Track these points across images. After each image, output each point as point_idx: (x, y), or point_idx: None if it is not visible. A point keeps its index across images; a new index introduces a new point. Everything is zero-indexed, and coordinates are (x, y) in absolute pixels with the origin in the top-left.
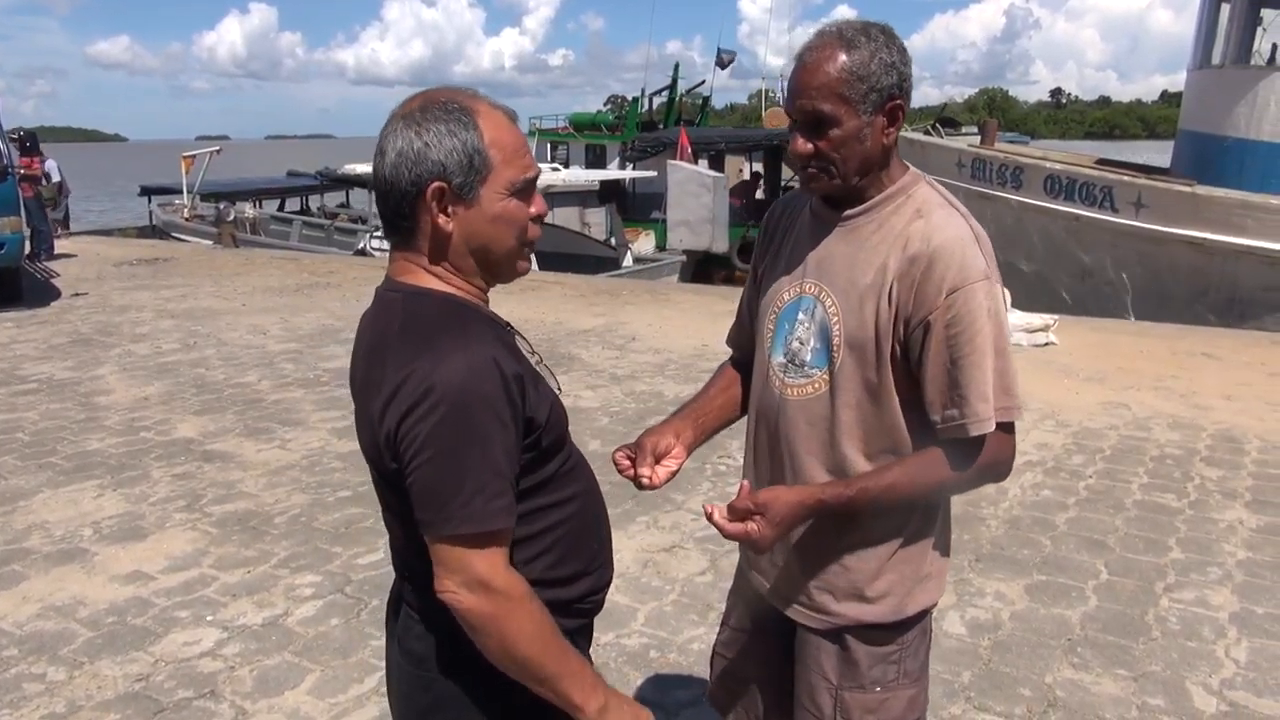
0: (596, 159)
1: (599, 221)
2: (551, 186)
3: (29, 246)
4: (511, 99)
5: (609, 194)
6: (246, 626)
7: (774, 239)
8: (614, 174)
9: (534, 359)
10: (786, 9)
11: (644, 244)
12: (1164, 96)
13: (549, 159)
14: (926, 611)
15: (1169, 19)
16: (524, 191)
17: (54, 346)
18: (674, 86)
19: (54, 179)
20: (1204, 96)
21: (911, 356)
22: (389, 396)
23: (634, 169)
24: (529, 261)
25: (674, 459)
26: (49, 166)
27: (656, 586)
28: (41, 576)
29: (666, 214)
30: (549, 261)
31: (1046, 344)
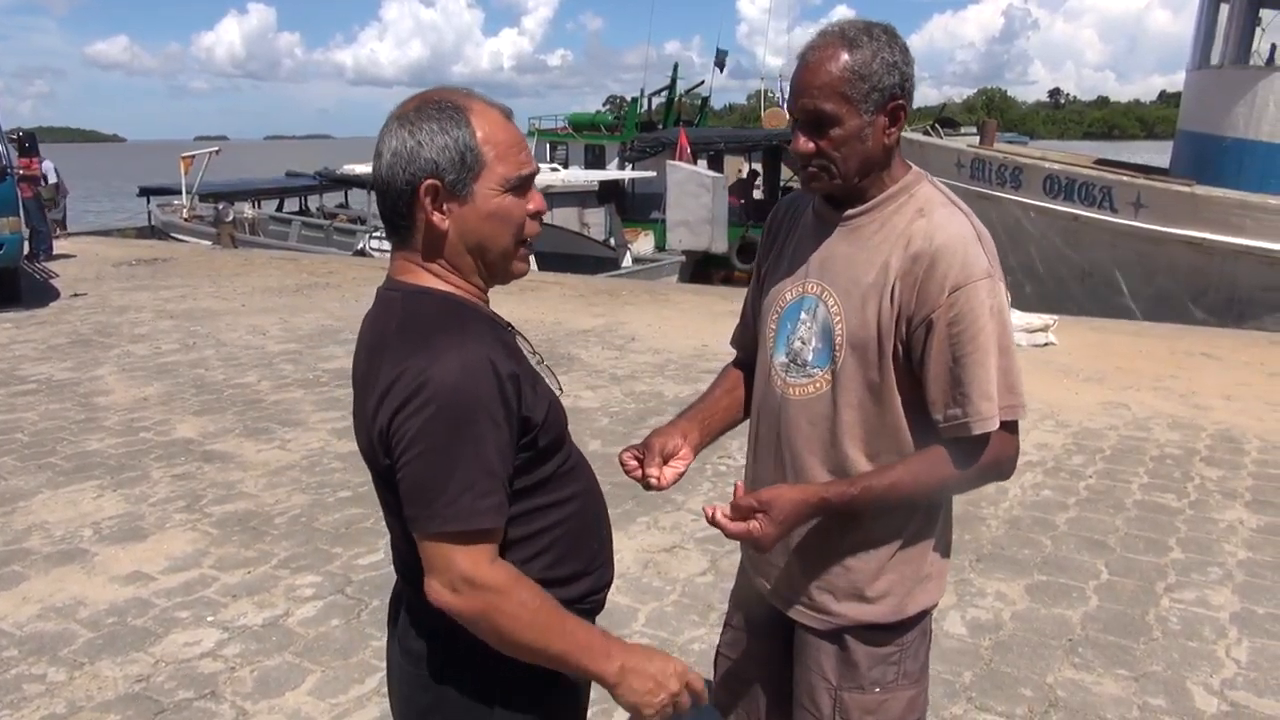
0: (596, 159)
1: (598, 222)
2: (551, 187)
3: (28, 247)
4: (510, 99)
5: (608, 194)
6: (247, 627)
7: (777, 239)
8: (613, 174)
9: (535, 359)
10: (785, 10)
11: (643, 244)
12: (1162, 97)
13: (548, 159)
14: (927, 612)
15: (1167, 19)
16: (520, 188)
17: (53, 347)
18: (673, 87)
19: (50, 180)
20: (1203, 97)
21: (914, 355)
22: (383, 392)
23: (633, 169)
24: (527, 263)
25: (681, 460)
26: (45, 167)
27: (657, 587)
28: (41, 577)
29: (665, 214)
30: (548, 262)
31: (1046, 344)
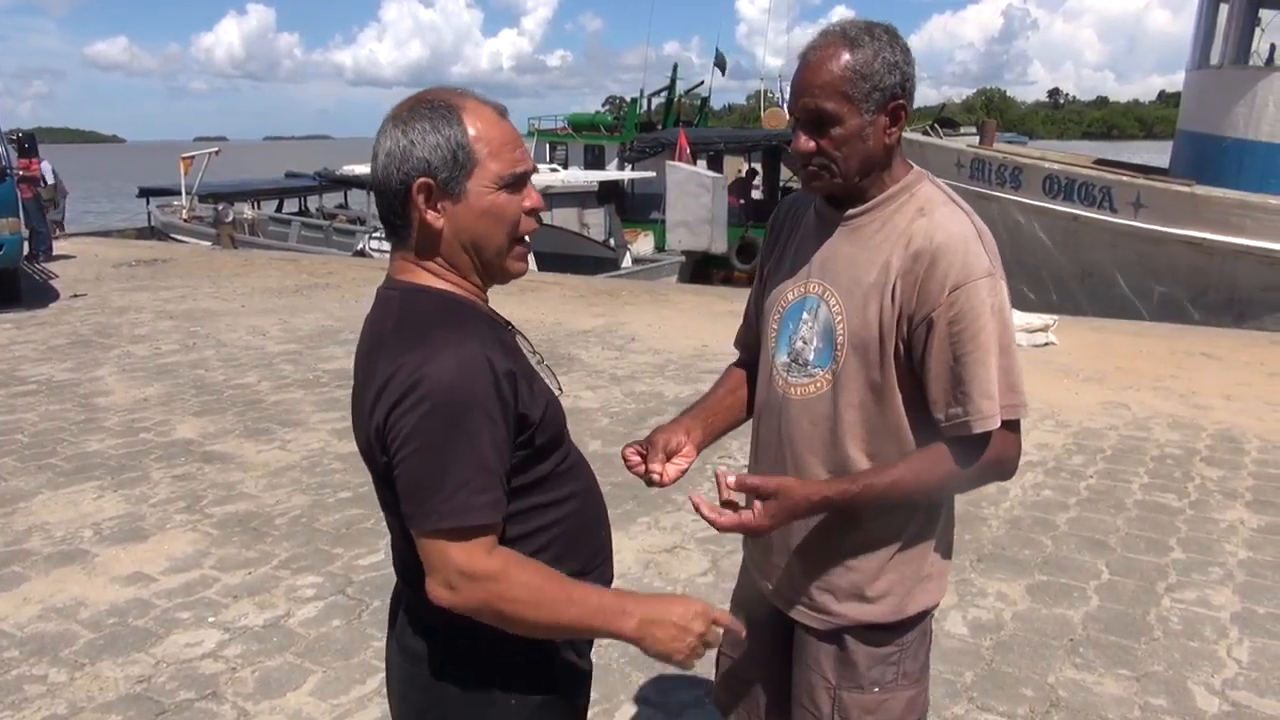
0: (595, 160)
1: (598, 222)
2: (550, 187)
3: (28, 248)
4: (510, 100)
5: (608, 195)
6: (248, 628)
7: (779, 239)
8: (613, 175)
9: (535, 359)
10: (784, 10)
11: (643, 244)
12: (1162, 97)
13: (548, 160)
14: (927, 613)
15: (1166, 19)
16: (514, 185)
17: (53, 348)
18: (672, 87)
19: (48, 180)
20: (1202, 97)
21: (915, 354)
22: (379, 389)
23: (633, 170)
24: (525, 262)
25: (684, 458)
26: (43, 168)
27: (658, 587)
28: (42, 578)
29: (665, 214)
30: (548, 262)
31: (1046, 344)
